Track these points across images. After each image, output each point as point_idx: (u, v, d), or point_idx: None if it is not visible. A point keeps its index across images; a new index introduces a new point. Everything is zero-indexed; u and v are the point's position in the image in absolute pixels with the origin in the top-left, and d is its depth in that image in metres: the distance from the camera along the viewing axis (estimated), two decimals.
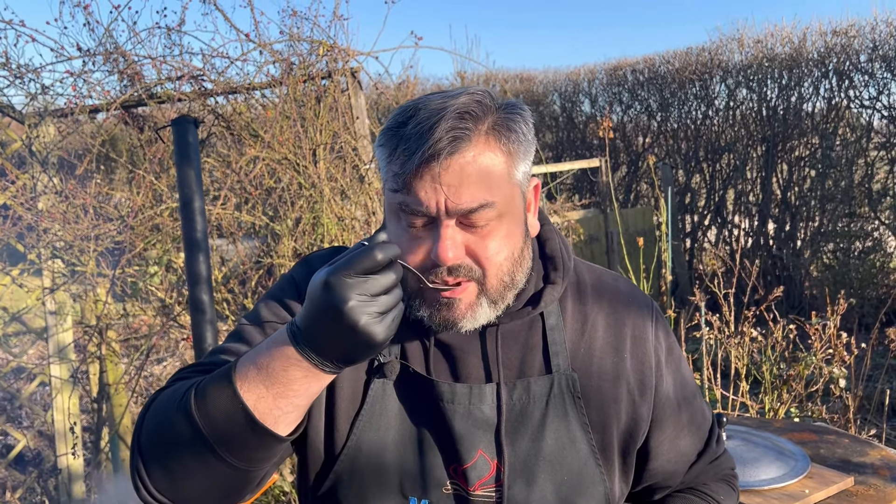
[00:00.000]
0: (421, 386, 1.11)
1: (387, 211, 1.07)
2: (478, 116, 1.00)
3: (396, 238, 1.04)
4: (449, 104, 0.99)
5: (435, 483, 1.09)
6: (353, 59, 4.02)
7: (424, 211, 0.99)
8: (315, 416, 1.13)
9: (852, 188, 7.02)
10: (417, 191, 0.98)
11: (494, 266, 1.03)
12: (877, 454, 2.22)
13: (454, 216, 1.00)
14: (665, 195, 5.02)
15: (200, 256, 2.15)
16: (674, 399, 1.22)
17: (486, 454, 1.10)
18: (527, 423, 1.11)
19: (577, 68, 9.66)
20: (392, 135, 1.01)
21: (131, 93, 3.78)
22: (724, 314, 3.84)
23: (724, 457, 1.32)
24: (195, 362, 1.18)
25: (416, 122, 0.98)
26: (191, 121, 2.17)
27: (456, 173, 0.97)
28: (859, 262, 6.78)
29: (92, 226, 3.69)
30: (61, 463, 3.80)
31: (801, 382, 3.59)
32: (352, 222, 3.80)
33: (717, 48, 8.14)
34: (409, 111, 1.01)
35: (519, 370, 1.13)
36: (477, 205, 0.99)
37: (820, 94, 7.50)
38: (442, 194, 0.98)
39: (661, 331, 1.22)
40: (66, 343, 3.85)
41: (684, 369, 1.26)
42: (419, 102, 1.01)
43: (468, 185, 0.98)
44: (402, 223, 1.03)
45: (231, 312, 3.85)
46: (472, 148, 0.98)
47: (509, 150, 1.02)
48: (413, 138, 0.97)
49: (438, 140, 0.96)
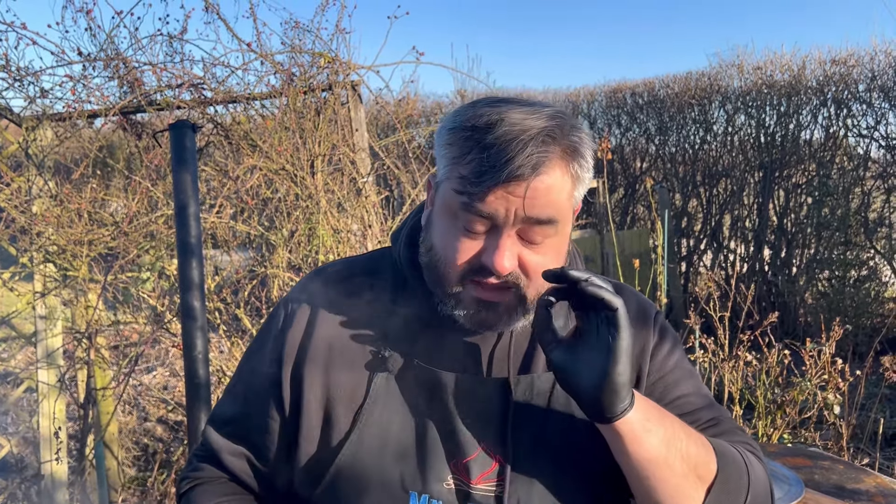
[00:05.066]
0: (424, 379, 1.12)
1: (440, 209, 1.08)
2: (557, 140, 1.02)
3: (446, 235, 1.06)
4: (532, 125, 1.01)
5: (436, 477, 1.09)
6: (354, 73, 4.03)
7: (492, 215, 1.01)
8: (312, 418, 1.13)
9: (848, 216, 7.03)
10: (489, 198, 1.00)
11: (540, 281, 1.06)
12: (872, 481, 2.19)
13: (519, 225, 1.02)
14: (662, 218, 5.02)
15: (193, 262, 2.13)
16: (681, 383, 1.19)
17: (488, 448, 1.10)
18: (530, 418, 1.11)
19: (576, 90, 9.70)
20: (465, 137, 1.03)
21: (130, 99, 3.77)
22: (718, 338, 3.82)
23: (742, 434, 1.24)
24: (204, 450, 1.23)
25: (497, 135, 1.00)
26: (189, 126, 2.16)
27: (531, 191, 1.00)
28: (854, 290, 6.77)
29: (86, 230, 3.66)
30: (45, 469, 3.75)
31: (795, 408, 3.56)
32: (347, 235, 3.78)
33: (717, 74, 8.18)
34: (486, 118, 1.02)
35: (523, 367, 1.14)
36: (546, 218, 1.02)
37: (818, 123, 7.54)
38: (514, 204, 1.00)
39: (664, 331, 1.23)
40: (55, 348, 3.81)
41: (683, 359, 1.23)
42: (501, 110, 1.02)
43: (539, 200, 1.01)
44: (459, 223, 1.04)
45: (223, 322, 3.82)
46: (549, 170, 1.01)
47: (577, 174, 1.06)
48: (494, 151, 0.99)
49: (524, 165, 0.98)
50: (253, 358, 1.23)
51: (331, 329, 1.16)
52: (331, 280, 1.22)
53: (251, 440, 1.19)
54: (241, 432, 1.20)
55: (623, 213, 8.99)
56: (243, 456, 1.20)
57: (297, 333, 1.17)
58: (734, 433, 1.19)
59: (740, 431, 1.21)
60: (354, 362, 1.14)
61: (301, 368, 1.14)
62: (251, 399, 1.20)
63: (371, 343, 1.15)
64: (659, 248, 4.46)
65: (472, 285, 1.06)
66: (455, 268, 1.06)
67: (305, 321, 1.17)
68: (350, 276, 1.22)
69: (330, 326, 1.16)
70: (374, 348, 1.14)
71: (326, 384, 1.13)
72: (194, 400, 2.14)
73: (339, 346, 1.15)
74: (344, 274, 1.23)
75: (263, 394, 1.18)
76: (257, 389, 1.19)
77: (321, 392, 1.13)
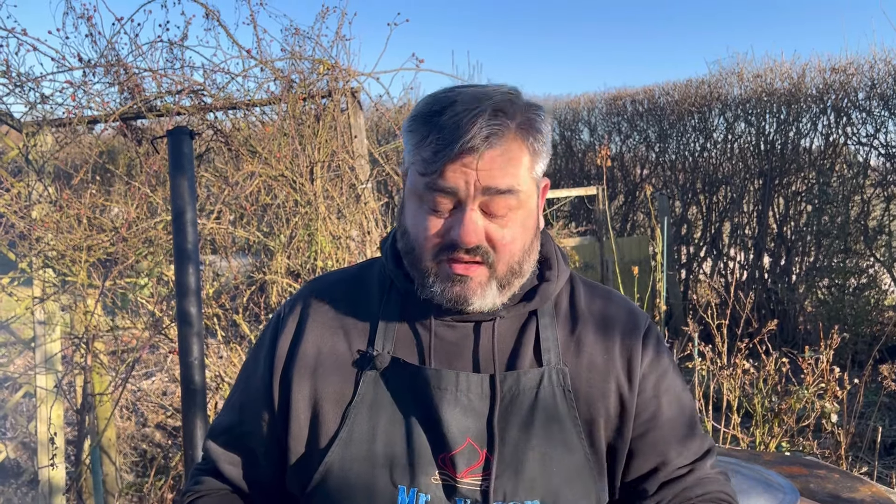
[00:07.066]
0: (411, 374, 1.14)
1: (408, 193, 1.13)
2: (509, 114, 1.06)
3: (415, 216, 1.11)
4: (484, 100, 1.05)
5: (423, 471, 1.10)
6: (354, 80, 4.04)
7: (453, 190, 1.05)
8: (301, 418, 1.16)
9: (848, 224, 7.03)
10: (447, 174, 1.05)
11: (508, 252, 1.10)
12: (867, 490, 2.19)
13: (480, 197, 1.06)
14: (661, 225, 5.02)
15: (190, 268, 2.13)
16: (662, 401, 1.21)
17: (474, 442, 1.11)
18: (516, 414, 1.13)
19: (577, 97, 9.72)
20: (424, 122, 1.07)
21: (131, 105, 3.78)
22: (716, 345, 3.82)
23: (721, 479, 1.27)
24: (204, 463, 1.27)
25: (452, 114, 1.04)
26: (186, 132, 2.17)
27: (486, 162, 1.04)
28: (854, 298, 6.76)
29: (85, 236, 3.67)
30: (42, 475, 3.74)
31: (792, 416, 3.56)
32: (346, 241, 3.79)
33: (717, 81, 8.20)
34: (443, 101, 1.07)
35: (509, 363, 1.16)
36: (506, 187, 1.06)
37: (818, 131, 7.55)
38: (472, 177, 1.04)
39: (652, 339, 1.23)
40: (54, 353, 3.81)
41: (674, 376, 1.24)
42: (453, 95, 1.07)
43: (497, 171, 1.05)
44: (425, 206, 1.09)
45: (221, 328, 3.82)
46: (503, 143, 1.05)
47: (534, 148, 1.09)
48: (448, 129, 1.03)
49: (475, 136, 1.02)
50: (247, 368, 1.26)
51: (319, 334, 1.19)
52: (321, 288, 1.26)
53: (246, 446, 1.22)
54: (236, 440, 1.23)
55: (623, 220, 9.00)
56: (240, 464, 1.23)
57: (285, 340, 1.20)
58: (708, 481, 1.23)
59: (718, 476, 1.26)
60: (342, 363, 1.17)
61: (290, 372, 1.18)
62: (245, 406, 1.23)
63: (358, 343, 1.18)
64: (658, 255, 4.47)
65: (445, 263, 1.09)
66: (427, 246, 1.09)
67: (294, 328, 1.21)
68: (339, 284, 1.26)
69: (318, 331, 1.19)
70: (360, 348, 1.17)
71: (314, 385, 1.16)
72: (190, 405, 2.14)
73: (327, 349, 1.18)
74: (334, 282, 1.27)
75: (256, 400, 1.21)
76: (250, 396, 1.23)
77: (309, 393, 1.16)
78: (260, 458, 1.22)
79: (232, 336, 3.85)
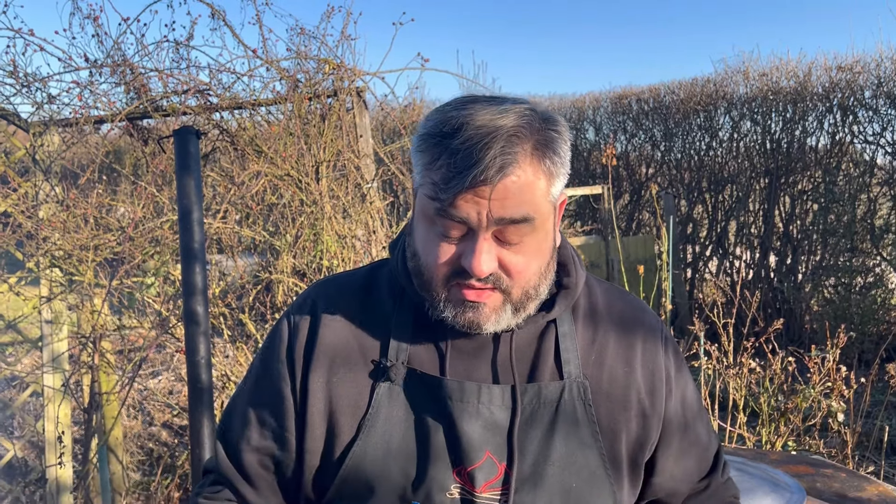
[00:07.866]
0: (429, 386, 1.11)
1: (418, 215, 1.08)
2: (525, 137, 1.00)
3: (426, 240, 1.06)
4: (499, 125, 0.99)
5: (438, 487, 1.08)
6: (360, 79, 4.05)
7: (464, 220, 1.00)
8: (316, 429, 1.13)
9: (854, 223, 7.01)
10: (459, 203, 0.99)
11: (523, 278, 1.06)
12: (874, 490, 2.18)
13: (493, 227, 1.01)
14: (667, 224, 5.01)
15: (197, 267, 2.13)
16: (682, 416, 1.21)
17: (493, 456, 1.09)
18: (537, 428, 1.10)
19: (582, 96, 9.70)
20: (434, 143, 1.02)
21: (137, 105, 3.80)
22: (723, 345, 3.81)
23: (728, 484, 1.31)
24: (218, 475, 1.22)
25: (463, 139, 0.98)
26: (193, 131, 2.17)
27: (500, 192, 0.99)
28: (860, 297, 6.74)
29: (91, 236, 3.68)
30: (49, 473, 3.76)
31: (798, 415, 3.55)
32: (352, 240, 3.79)
33: (723, 80, 8.18)
34: (453, 122, 1.00)
35: (530, 375, 1.13)
36: (520, 217, 1.01)
37: (824, 129, 7.52)
38: (485, 207, 0.99)
39: (671, 348, 1.23)
40: (61, 352, 3.83)
41: (692, 389, 1.25)
42: (465, 116, 1.00)
43: (510, 200, 1.00)
44: (437, 228, 1.04)
45: (227, 328, 3.83)
46: (517, 169, 0.99)
47: (550, 170, 1.03)
48: (460, 156, 0.98)
49: (488, 167, 0.97)
50: (257, 377, 1.22)
51: (332, 340, 1.15)
52: (331, 292, 1.21)
53: (262, 462, 1.18)
54: (253, 453, 1.19)
55: (628, 219, 8.98)
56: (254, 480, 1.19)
57: (300, 347, 1.16)
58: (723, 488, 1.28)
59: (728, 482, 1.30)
60: (357, 372, 1.13)
61: (306, 380, 1.14)
62: (261, 420, 1.18)
63: (373, 353, 1.14)
64: (664, 254, 4.45)
65: (456, 287, 1.05)
66: (437, 272, 1.06)
67: (307, 333, 1.17)
68: (350, 288, 1.21)
69: (331, 338, 1.15)
70: (374, 358, 1.14)
71: (329, 395, 1.13)
72: (197, 404, 2.14)
73: (341, 358, 1.14)
74: (344, 286, 1.23)
75: (270, 410, 1.17)
76: (265, 409, 1.18)
77: (324, 404, 1.13)
78: (276, 471, 1.18)
79: (238, 335, 3.86)
